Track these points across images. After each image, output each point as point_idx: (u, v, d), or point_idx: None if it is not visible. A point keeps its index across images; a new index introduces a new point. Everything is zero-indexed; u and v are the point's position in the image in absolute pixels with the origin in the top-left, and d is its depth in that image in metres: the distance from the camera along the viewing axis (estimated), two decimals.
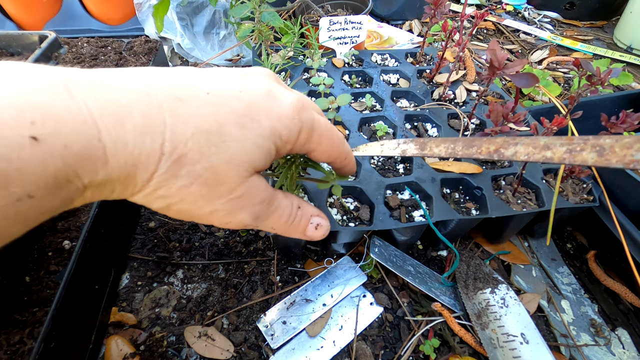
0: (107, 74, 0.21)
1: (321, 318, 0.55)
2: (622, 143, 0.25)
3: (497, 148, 0.33)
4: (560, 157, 0.28)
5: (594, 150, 0.26)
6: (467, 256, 0.62)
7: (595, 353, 0.53)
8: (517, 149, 0.31)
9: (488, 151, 0.34)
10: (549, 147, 0.29)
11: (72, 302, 0.46)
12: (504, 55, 0.53)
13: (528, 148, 0.31)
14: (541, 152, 0.30)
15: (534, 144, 0.30)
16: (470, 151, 0.35)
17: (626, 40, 1.22)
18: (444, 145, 0.38)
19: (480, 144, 0.35)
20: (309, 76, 0.83)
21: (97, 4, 1.10)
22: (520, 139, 0.32)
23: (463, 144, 0.36)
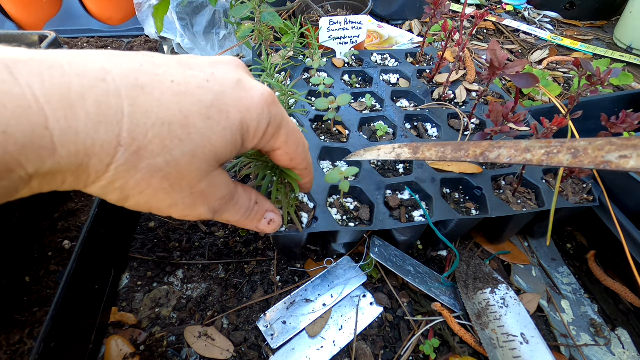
0: (59, 56, 0.20)
1: (321, 318, 0.55)
2: (595, 145, 0.26)
3: (482, 151, 0.35)
4: (539, 159, 0.29)
5: (569, 153, 0.27)
6: (467, 256, 0.62)
7: (595, 353, 0.53)
8: (501, 152, 0.33)
9: (475, 154, 0.36)
10: (529, 150, 0.31)
11: (72, 302, 0.46)
12: (504, 55, 0.53)
13: (510, 151, 0.32)
14: (522, 155, 0.31)
15: (516, 147, 0.32)
16: (458, 154, 0.37)
17: (626, 40, 1.22)
18: (435, 150, 0.40)
19: (467, 147, 0.37)
20: (309, 76, 0.83)
21: (97, 4, 1.10)
22: (504, 143, 0.34)
23: (452, 148, 0.38)
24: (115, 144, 0.20)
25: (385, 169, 0.64)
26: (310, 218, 0.54)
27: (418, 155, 0.42)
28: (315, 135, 0.66)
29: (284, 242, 0.59)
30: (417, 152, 0.42)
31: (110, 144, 0.20)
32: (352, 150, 0.63)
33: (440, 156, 0.39)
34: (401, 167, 0.64)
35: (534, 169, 0.62)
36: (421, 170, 0.61)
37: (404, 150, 0.44)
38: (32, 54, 0.19)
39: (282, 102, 0.61)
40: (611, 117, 0.51)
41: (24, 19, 1.08)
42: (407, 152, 0.43)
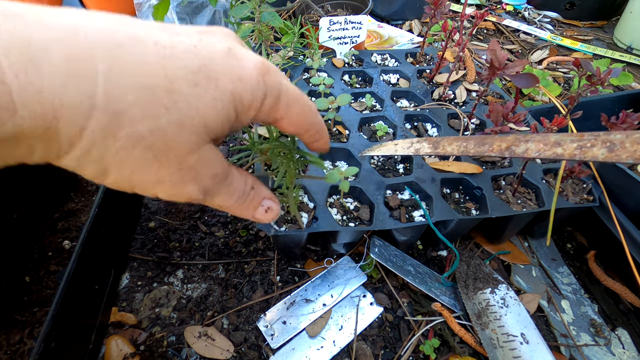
0: (23, 7, 0.17)
1: (321, 318, 0.55)
2: (633, 138, 0.25)
3: (508, 145, 0.33)
4: (571, 153, 0.28)
5: (604, 147, 0.26)
6: (467, 256, 0.62)
7: (595, 353, 0.53)
8: (528, 146, 0.32)
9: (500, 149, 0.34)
10: (560, 144, 0.29)
11: (72, 302, 0.46)
12: (504, 56, 0.53)
13: (539, 145, 0.31)
14: (552, 149, 0.30)
15: (545, 140, 0.30)
16: (482, 149, 0.36)
17: (626, 40, 1.22)
18: (456, 144, 0.38)
19: (492, 142, 0.35)
20: (309, 76, 0.83)
21: (97, 4, 1.10)
22: (531, 137, 0.32)
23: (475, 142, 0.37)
24: (88, 105, 0.18)
25: (385, 169, 0.64)
26: (310, 218, 0.54)
27: (438, 150, 0.40)
28: None
29: (284, 242, 0.59)
30: (438, 147, 0.40)
31: (81, 106, 0.18)
32: (352, 150, 0.63)
33: (462, 151, 0.37)
34: (401, 167, 0.64)
35: (534, 169, 0.62)
36: (421, 170, 0.61)
37: (423, 145, 0.42)
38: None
39: None
40: (611, 117, 0.51)
41: None
42: (427, 147, 0.42)
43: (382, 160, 0.66)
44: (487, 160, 0.65)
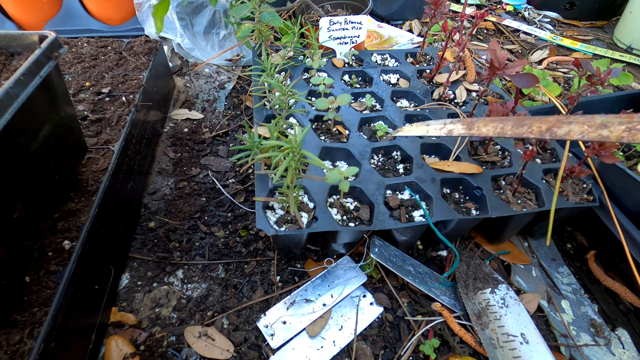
0: None
1: (321, 318, 0.55)
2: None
3: (549, 127, 0.32)
4: (619, 135, 0.27)
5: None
6: (467, 256, 0.62)
7: (595, 353, 0.53)
8: (571, 127, 0.31)
9: (539, 130, 0.33)
10: (606, 126, 0.28)
11: (72, 302, 0.46)
12: (504, 56, 0.53)
13: (583, 127, 0.30)
14: (597, 131, 0.29)
15: (590, 122, 0.29)
16: (520, 130, 0.35)
17: (626, 40, 1.22)
18: (492, 125, 0.37)
19: (531, 123, 0.34)
20: (309, 76, 0.83)
21: (97, 4, 1.10)
22: (575, 118, 0.31)
23: (512, 123, 0.35)
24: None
25: (385, 169, 0.64)
26: (310, 218, 0.54)
27: (473, 131, 0.39)
28: (315, 135, 0.66)
29: (283, 242, 0.59)
30: (472, 128, 0.39)
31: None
32: (352, 150, 0.63)
33: (499, 132, 0.36)
34: (401, 167, 0.64)
35: (534, 168, 0.62)
36: (421, 170, 0.61)
37: (456, 126, 0.41)
38: None
39: (282, 102, 0.61)
40: None
41: (24, 19, 1.08)
42: (461, 128, 0.41)
43: (382, 160, 0.66)
44: (487, 161, 0.65)
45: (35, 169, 0.49)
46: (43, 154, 0.50)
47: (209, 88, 1.01)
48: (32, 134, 0.47)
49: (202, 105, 0.95)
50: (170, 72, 0.99)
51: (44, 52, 0.47)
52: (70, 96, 0.59)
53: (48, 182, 0.52)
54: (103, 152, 0.63)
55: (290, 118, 0.71)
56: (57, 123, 0.52)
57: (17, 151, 0.45)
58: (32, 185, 0.49)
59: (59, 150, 0.53)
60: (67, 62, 0.82)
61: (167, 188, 0.74)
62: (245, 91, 1.00)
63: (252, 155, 0.50)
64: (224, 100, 0.97)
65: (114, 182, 0.60)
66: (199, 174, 0.77)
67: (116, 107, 0.72)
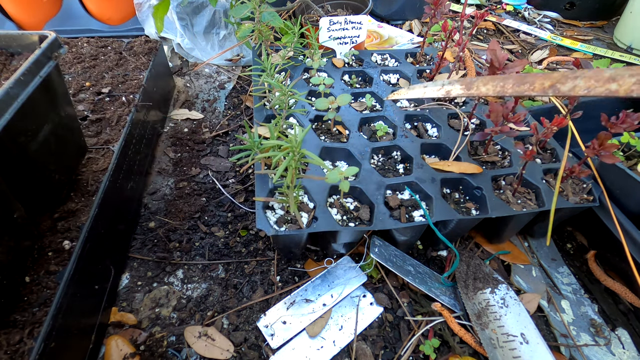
0: None
1: (321, 318, 0.55)
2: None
3: (552, 83, 0.30)
4: (628, 88, 0.25)
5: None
6: (467, 256, 0.62)
7: (595, 353, 0.53)
8: (577, 83, 0.29)
9: (542, 87, 0.31)
10: (615, 79, 0.26)
11: (72, 302, 0.46)
12: (504, 56, 0.53)
13: (589, 81, 0.28)
14: (604, 85, 0.27)
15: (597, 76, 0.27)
16: (522, 88, 0.33)
17: (626, 40, 1.22)
18: (492, 84, 0.35)
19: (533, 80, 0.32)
20: (309, 76, 0.83)
21: (97, 4, 1.10)
22: (581, 73, 0.29)
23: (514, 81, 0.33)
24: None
25: (385, 169, 0.64)
26: (310, 218, 0.54)
27: (472, 91, 0.37)
28: (315, 135, 0.66)
29: (284, 242, 0.59)
30: (471, 88, 0.37)
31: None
32: (352, 150, 0.63)
33: (499, 90, 0.34)
34: (401, 167, 0.64)
35: (534, 169, 0.62)
36: (421, 170, 0.61)
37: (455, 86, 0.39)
38: None
39: (282, 102, 0.61)
40: (611, 117, 0.51)
41: (24, 19, 1.08)
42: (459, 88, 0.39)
43: (382, 160, 0.66)
44: (487, 161, 0.65)
45: (35, 169, 0.49)
46: (43, 154, 0.50)
47: (209, 88, 1.01)
48: (32, 134, 0.47)
49: (202, 105, 0.95)
50: (170, 72, 0.99)
51: (44, 52, 0.47)
52: (70, 96, 0.59)
53: (48, 182, 0.52)
54: (103, 152, 0.63)
55: (290, 118, 0.71)
56: (57, 123, 0.52)
57: (17, 151, 0.45)
58: (32, 185, 0.49)
59: (59, 150, 0.53)
60: (67, 62, 0.82)
61: (167, 188, 0.74)
62: (245, 91, 1.00)
63: (252, 155, 0.50)
64: (224, 100, 0.97)
65: (114, 182, 0.60)
66: (199, 174, 0.77)
67: (116, 107, 0.72)
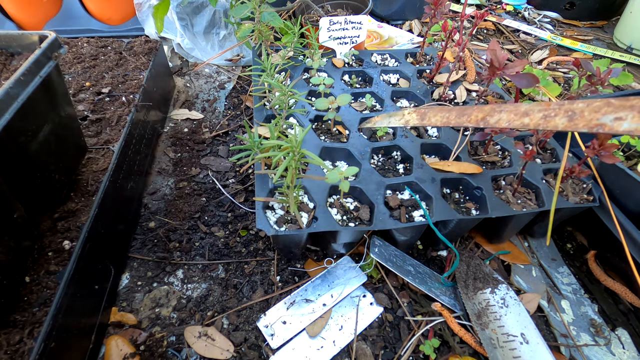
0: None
1: (321, 318, 0.55)
2: (592, 107, 0.26)
3: (484, 116, 0.35)
4: (536, 123, 0.30)
5: (565, 116, 0.28)
6: (467, 256, 0.62)
7: (595, 353, 0.53)
8: (501, 116, 0.34)
9: (476, 119, 0.36)
10: (528, 114, 0.31)
11: (72, 302, 0.46)
12: (504, 56, 0.53)
13: (510, 115, 0.33)
14: (520, 119, 0.31)
15: (516, 110, 0.32)
16: (461, 120, 0.38)
17: (626, 40, 1.22)
18: (440, 115, 0.41)
19: (470, 112, 0.38)
20: (309, 76, 0.83)
21: (97, 4, 1.10)
22: (505, 107, 0.34)
23: (456, 113, 0.39)
24: None
25: (385, 169, 0.64)
26: (310, 218, 0.54)
27: (424, 121, 0.43)
28: (315, 135, 0.66)
29: (284, 242, 0.59)
30: (424, 119, 0.43)
31: None
32: (352, 150, 0.63)
33: (445, 122, 0.40)
34: (401, 167, 0.64)
35: (534, 169, 0.62)
36: (421, 170, 0.61)
37: (412, 116, 0.46)
38: None
39: (282, 102, 0.61)
40: None
41: (24, 19, 1.08)
42: (415, 118, 0.45)
43: (382, 160, 0.66)
44: (487, 161, 0.65)
45: (35, 169, 0.49)
46: (43, 154, 0.50)
47: (209, 88, 1.01)
48: (32, 134, 0.47)
49: (202, 105, 0.95)
50: (170, 72, 0.99)
51: (44, 52, 0.47)
52: (70, 96, 0.59)
53: (48, 182, 0.52)
54: (103, 152, 0.63)
55: (290, 118, 0.71)
56: (57, 123, 0.52)
57: (17, 151, 0.45)
58: (32, 185, 0.49)
59: (59, 150, 0.53)
60: (67, 62, 0.82)
61: (167, 188, 0.74)
62: (245, 91, 1.00)
63: (252, 155, 0.50)
64: (224, 100, 0.97)
65: (114, 182, 0.60)
66: (199, 174, 0.77)
67: (116, 107, 0.72)
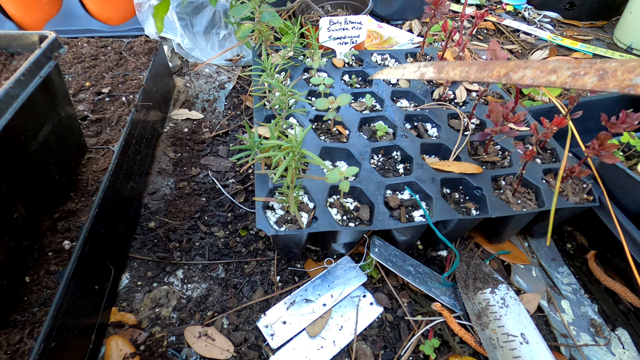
0: None
1: (321, 318, 0.55)
2: (626, 67, 0.25)
3: (507, 72, 0.34)
4: (563, 81, 0.28)
5: (596, 75, 0.26)
6: (467, 256, 0.62)
7: (595, 353, 0.53)
8: (525, 72, 0.32)
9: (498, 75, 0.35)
10: (555, 71, 0.29)
11: (72, 302, 0.46)
12: (504, 56, 0.53)
13: (535, 72, 0.31)
14: (546, 76, 0.30)
15: (542, 67, 0.31)
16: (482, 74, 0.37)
17: (626, 40, 1.22)
18: (459, 69, 0.39)
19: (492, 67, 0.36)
20: (309, 76, 0.83)
21: (97, 4, 1.10)
22: (530, 63, 0.32)
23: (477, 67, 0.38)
24: None
25: (385, 169, 0.64)
26: (310, 218, 0.54)
27: (442, 75, 0.42)
28: (315, 135, 0.66)
29: (283, 242, 0.59)
30: (442, 72, 0.42)
31: None
32: (352, 150, 0.63)
33: (464, 76, 0.39)
34: (401, 167, 0.64)
35: (534, 169, 0.62)
36: (421, 170, 0.61)
37: (429, 69, 0.44)
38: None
39: (282, 102, 0.61)
40: (611, 117, 0.51)
41: (24, 19, 1.08)
42: (432, 71, 0.43)
43: (382, 160, 0.66)
44: (487, 161, 0.65)
45: (35, 169, 0.49)
46: (43, 154, 0.50)
47: (209, 88, 1.01)
48: (32, 134, 0.47)
49: (202, 105, 0.95)
50: (170, 72, 0.99)
51: (44, 52, 0.47)
52: (70, 96, 0.59)
53: (48, 182, 0.52)
54: (103, 152, 0.63)
55: (290, 118, 0.71)
56: (57, 123, 0.52)
57: (17, 151, 0.45)
58: (32, 185, 0.49)
59: (59, 150, 0.53)
60: (67, 62, 0.82)
61: (167, 188, 0.74)
62: (245, 91, 1.00)
63: (252, 155, 0.50)
64: (224, 100, 0.97)
65: (114, 182, 0.60)
66: (199, 174, 0.77)
67: (116, 107, 0.72)
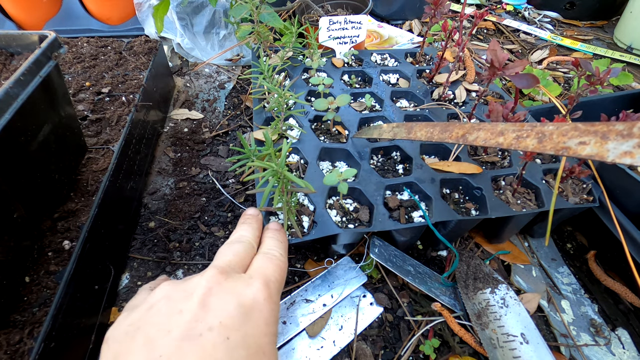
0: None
1: (321, 318, 0.55)
2: (561, 130, 0.27)
3: (464, 133, 0.37)
4: (509, 142, 0.31)
5: (536, 137, 0.28)
6: (467, 256, 0.62)
7: (595, 353, 0.53)
8: (478, 134, 0.35)
9: (457, 136, 0.38)
10: (503, 134, 0.32)
11: (72, 302, 0.46)
12: (504, 56, 0.53)
13: (487, 134, 0.34)
14: (495, 138, 0.32)
15: (492, 130, 0.33)
16: (444, 136, 0.40)
17: (626, 40, 1.22)
18: (425, 130, 0.43)
19: (452, 129, 0.39)
20: (309, 76, 0.83)
21: (97, 4, 1.10)
22: (483, 125, 0.35)
23: (440, 129, 0.41)
24: None
25: (385, 169, 0.64)
26: (310, 221, 0.54)
27: (411, 135, 0.45)
28: (314, 135, 0.66)
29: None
30: (410, 132, 0.45)
31: None
32: (351, 151, 0.63)
33: (429, 136, 0.42)
34: (401, 168, 0.64)
35: (534, 169, 0.62)
36: (421, 170, 0.61)
37: (400, 129, 0.48)
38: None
39: (280, 103, 0.61)
40: (611, 117, 0.51)
41: (24, 19, 1.08)
42: (403, 132, 0.47)
43: (382, 160, 0.66)
44: (487, 161, 0.65)
45: (35, 169, 0.49)
46: (43, 154, 0.50)
47: (209, 88, 1.01)
48: (32, 134, 0.47)
49: (202, 105, 0.96)
50: (170, 72, 0.99)
51: (44, 52, 0.47)
52: (70, 96, 0.59)
53: (48, 182, 0.52)
54: (103, 152, 0.63)
55: (290, 119, 0.71)
56: (57, 123, 0.52)
57: (17, 151, 0.45)
58: (32, 185, 0.49)
59: (58, 150, 0.53)
60: (67, 62, 0.82)
61: (167, 188, 0.74)
62: (246, 91, 1.00)
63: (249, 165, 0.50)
64: (224, 100, 0.97)
65: (114, 182, 0.60)
66: (199, 174, 0.77)
67: (116, 107, 0.72)
